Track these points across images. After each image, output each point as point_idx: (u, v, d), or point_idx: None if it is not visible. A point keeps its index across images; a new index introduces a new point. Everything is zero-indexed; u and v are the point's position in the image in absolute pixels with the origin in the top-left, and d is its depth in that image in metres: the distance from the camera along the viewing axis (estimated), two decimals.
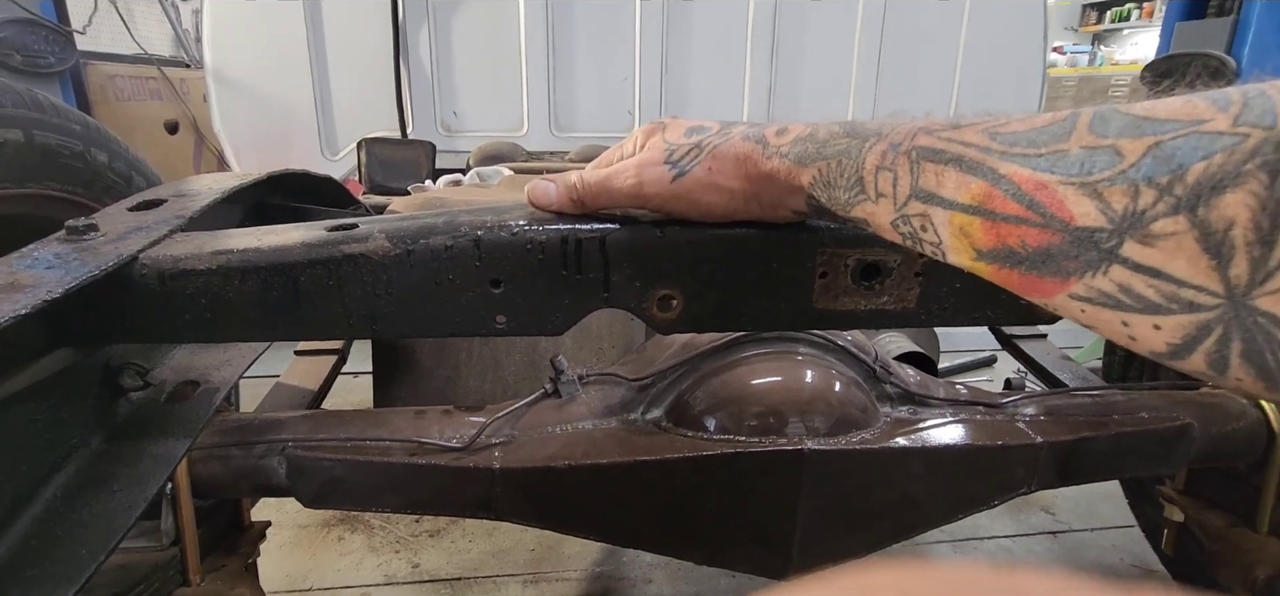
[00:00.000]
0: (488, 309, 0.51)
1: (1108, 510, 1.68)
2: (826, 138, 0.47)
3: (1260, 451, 0.88)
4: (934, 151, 0.40)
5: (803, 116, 0.52)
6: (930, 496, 0.79)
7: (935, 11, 2.53)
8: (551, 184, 0.55)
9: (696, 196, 0.51)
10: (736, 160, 0.50)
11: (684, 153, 0.51)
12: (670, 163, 0.51)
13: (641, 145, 0.55)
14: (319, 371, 1.10)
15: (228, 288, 0.47)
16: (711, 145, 0.51)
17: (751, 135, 0.51)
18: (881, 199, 0.43)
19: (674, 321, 0.53)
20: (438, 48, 2.38)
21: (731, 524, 0.77)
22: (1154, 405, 0.86)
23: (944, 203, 0.39)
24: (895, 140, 0.42)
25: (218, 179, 0.70)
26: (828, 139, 0.47)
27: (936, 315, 0.55)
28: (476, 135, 2.41)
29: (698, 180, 0.51)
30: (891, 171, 0.42)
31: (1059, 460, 0.80)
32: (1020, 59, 2.56)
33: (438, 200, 1.09)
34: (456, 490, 0.74)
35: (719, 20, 2.48)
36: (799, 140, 0.48)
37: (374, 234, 0.48)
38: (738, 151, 0.50)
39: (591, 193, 0.54)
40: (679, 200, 0.52)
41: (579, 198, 0.54)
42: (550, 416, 0.78)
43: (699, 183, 0.51)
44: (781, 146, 0.49)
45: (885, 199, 0.43)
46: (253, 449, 0.71)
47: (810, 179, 0.47)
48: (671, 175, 0.51)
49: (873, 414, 0.78)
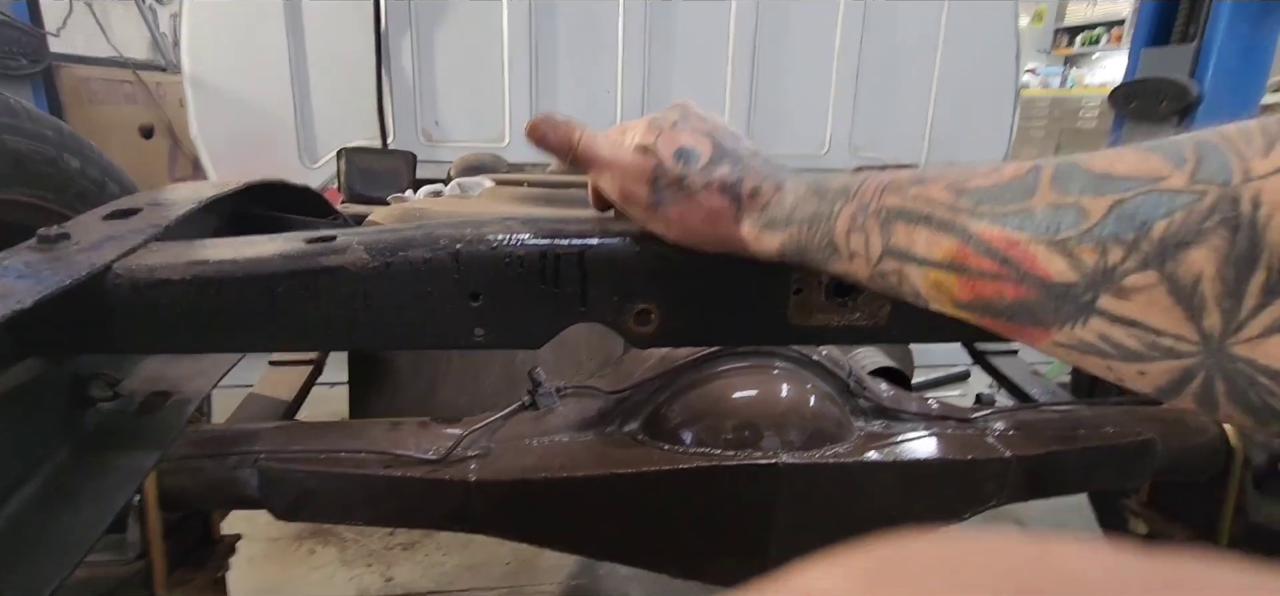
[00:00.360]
0: (466, 322, 0.51)
1: (1077, 523, 1.71)
2: (794, 203, 0.48)
3: (1220, 466, 0.91)
4: (902, 211, 0.41)
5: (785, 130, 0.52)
6: (903, 509, 0.80)
7: (913, 31, 2.58)
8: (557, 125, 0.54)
9: (666, 231, 0.52)
10: (708, 215, 0.50)
11: (668, 180, 0.50)
12: (653, 183, 0.50)
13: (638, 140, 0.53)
14: (293, 382, 1.08)
15: (204, 299, 0.47)
16: (690, 188, 0.50)
17: (728, 187, 0.50)
18: (855, 258, 0.44)
19: (651, 336, 0.54)
20: (420, 57, 2.38)
21: (707, 536, 0.77)
22: (1118, 420, 0.88)
23: (917, 260, 0.40)
24: (863, 200, 0.43)
25: (195, 188, 0.70)
26: (795, 205, 0.47)
27: (908, 332, 0.56)
28: (458, 146, 2.41)
29: (671, 218, 0.50)
30: (862, 233, 0.43)
31: (1027, 474, 0.82)
32: (994, 78, 2.63)
33: (418, 211, 1.09)
34: (432, 502, 0.74)
35: (701, 35, 2.51)
36: (768, 207, 0.49)
37: (352, 246, 0.48)
38: (710, 206, 0.50)
39: (584, 159, 0.54)
40: (652, 223, 0.52)
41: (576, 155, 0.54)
42: (527, 429, 0.78)
43: (671, 220, 0.51)
44: (751, 211, 0.49)
45: (859, 257, 0.44)
46: (225, 460, 0.70)
47: (780, 245, 0.48)
48: (650, 200, 0.51)
49: (847, 428, 0.80)
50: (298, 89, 2.32)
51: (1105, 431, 0.86)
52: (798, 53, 2.56)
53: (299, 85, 2.32)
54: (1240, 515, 0.93)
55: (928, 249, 0.39)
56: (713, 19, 2.49)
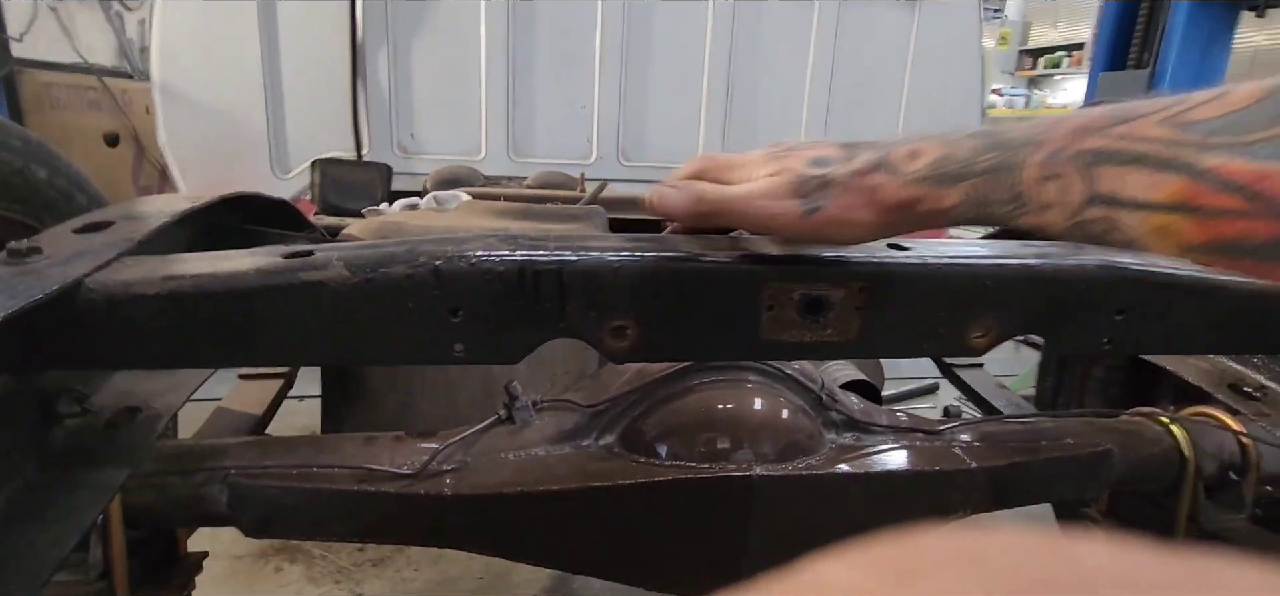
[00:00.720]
0: (446, 337, 0.51)
1: None
2: (969, 155, 0.46)
3: (1174, 476, 0.94)
4: (1108, 153, 0.38)
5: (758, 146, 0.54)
6: (873, 520, 0.81)
7: (882, 50, 2.65)
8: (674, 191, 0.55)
9: (829, 233, 0.52)
10: (867, 193, 0.50)
11: (813, 187, 0.51)
12: (801, 197, 0.51)
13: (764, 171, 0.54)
14: (264, 396, 1.07)
15: (179, 314, 0.46)
16: (840, 179, 0.51)
17: (879, 162, 0.50)
18: (1048, 209, 0.41)
19: (627, 351, 0.54)
20: (396, 69, 2.37)
21: (682, 549, 0.78)
22: (1078, 431, 0.91)
23: (1132, 205, 0.37)
24: (1056, 146, 0.41)
25: (168, 201, 0.69)
26: (971, 157, 0.46)
27: (877, 347, 0.58)
28: (434, 158, 2.40)
29: (829, 217, 0.51)
30: (1058, 181, 0.40)
31: (992, 485, 0.84)
32: (960, 96, 2.70)
33: (394, 224, 1.08)
34: (406, 517, 0.74)
35: (676, 53, 2.54)
36: (936, 162, 0.47)
37: (333, 262, 0.48)
38: (867, 184, 0.50)
39: (719, 211, 0.54)
40: (811, 235, 0.53)
41: (706, 212, 0.54)
42: (503, 442, 0.78)
43: (831, 219, 0.51)
44: (916, 171, 0.48)
45: (1054, 208, 0.41)
46: (192, 476, 0.69)
47: (957, 200, 0.46)
48: (802, 210, 0.51)
49: (819, 440, 0.81)
50: (271, 98, 2.29)
51: (1066, 442, 0.88)
52: (770, 73, 2.61)
53: (272, 94, 2.30)
54: (1193, 523, 0.96)
55: (1146, 190, 0.36)
56: (688, 33, 2.53)
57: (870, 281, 0.54)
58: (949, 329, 0.56)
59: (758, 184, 0.53)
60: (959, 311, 0.56)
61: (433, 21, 2.36)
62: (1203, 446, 0.94)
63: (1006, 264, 0.55)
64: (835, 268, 0.53)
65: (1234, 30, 2.19)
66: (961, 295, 0.55)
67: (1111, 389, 1.38)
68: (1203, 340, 0.61)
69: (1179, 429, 0.94)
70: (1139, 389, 1.34)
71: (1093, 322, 0.57)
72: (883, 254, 0.54)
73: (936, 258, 0.54)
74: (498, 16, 2.37)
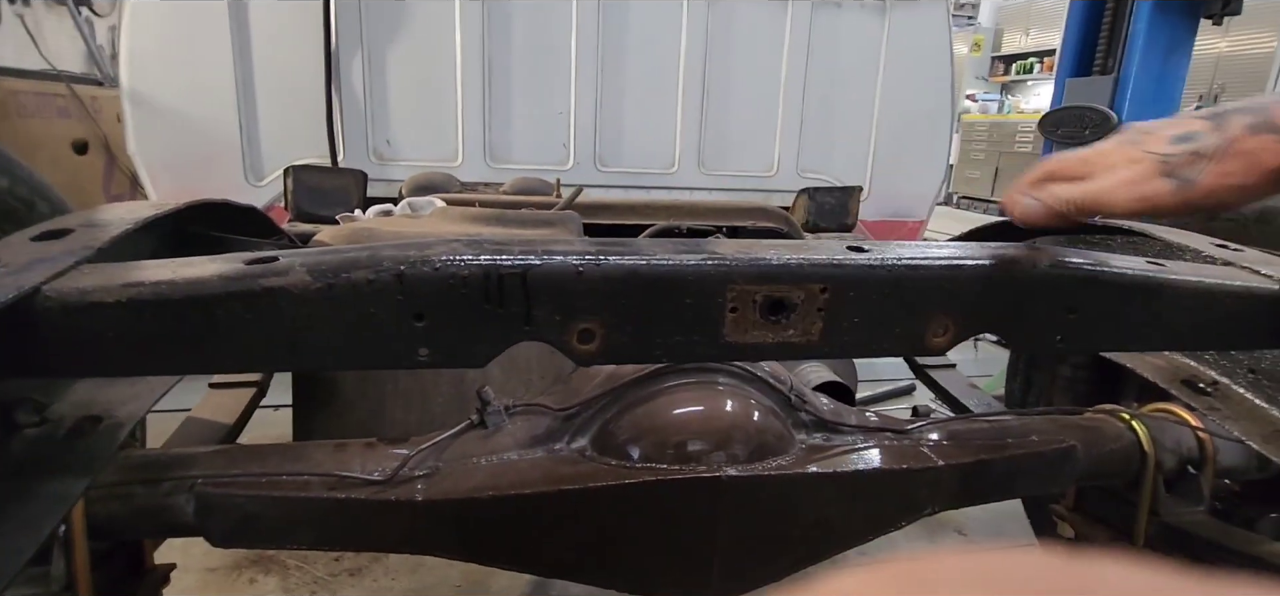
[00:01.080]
0: (410, 342, 0.51)
1: (1013, 529, 1.78)
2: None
3: (1135, 471, 0.96)
4: None
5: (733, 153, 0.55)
6: (842, 519, 0.83)
7: (854, 58, 2.69)
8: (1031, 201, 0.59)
9: (1206, 202, 0.54)
10: (1247, 157, 0.51)
11: (1181, 161, 0.53)
12: (1169, 175, 0.53)
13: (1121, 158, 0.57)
14: (235, 405, 1.06)
15: (139, 322, 0.46)
16: (1213, 147, 0.52)
17: (1257, 124, 0.51)
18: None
19: (593, 354, 0.55)
20: (371, 75, 2.36)
21: (654, 551, 0.79)
22: (1043, 428, 0.93)
23: None
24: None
25: (131, 208, 0.68)
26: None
27: (840, 347, 0.59)
28: (410, 164, 2.39)
29: (1206, 187, 0.53)
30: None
31: (959, 481, 0.86)
32: (932, 103, 2.75)
33: (366, 230, 1.08)
34: (378, 524, 0.73)
35: (652, 59, 2.56)
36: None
37: (294, 267, 0.48)
38: (1247, 148, 0.51)
39: (1085, 210, 0.57)
40: (1187, 207, 0.54)
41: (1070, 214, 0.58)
42: (476, 447, 0.78)
43: (1208, 189, 0.53)
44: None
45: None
46: (158, 486, 0.69)
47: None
48: (1173, 186, 0.53)
49: (789, 441, 0.82)
50: (244, 105, 2.27)
51: (1031, 440, 0.90)
52: (746, 78, 2.64)
53: (245, 102, 2.28)
54: (1154, 516, 0.98)
55: None
56: (663, 39, 2.55)
57: (831, 283, 0.55)
58: (908, 328, 0.57)
59: (1119, 174, 0.56)
60: (917, 311, 0.57)
61: (408, 27, 2.36)
62: (1162, 441, 0.96)
63: (962, 265, 0.56)
64: (796, 270, 0.54)
65: (1193, 37, 2.26)
66: (919, 295, 0.56)
67: (1078, 387, 1.41)
68: (1153, 337, 0.63)
69: (1140, 425, 0.96)
70: (1104, 387, 1.37)
71: (1046, 321, 0.59)
72: (842, 256, 0.56)
73: (895, 259, 0.56)
74: (473, 22, 2.38)
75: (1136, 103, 2.29)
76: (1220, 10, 2.14)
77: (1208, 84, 6.83)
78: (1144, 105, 2.32)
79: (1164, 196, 0.55)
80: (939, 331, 0.58)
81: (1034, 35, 9.34)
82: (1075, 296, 0.57)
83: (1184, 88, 2.37)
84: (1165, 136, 0.56)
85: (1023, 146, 7.65)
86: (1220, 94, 6.60)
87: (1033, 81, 9.30)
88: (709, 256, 0.53)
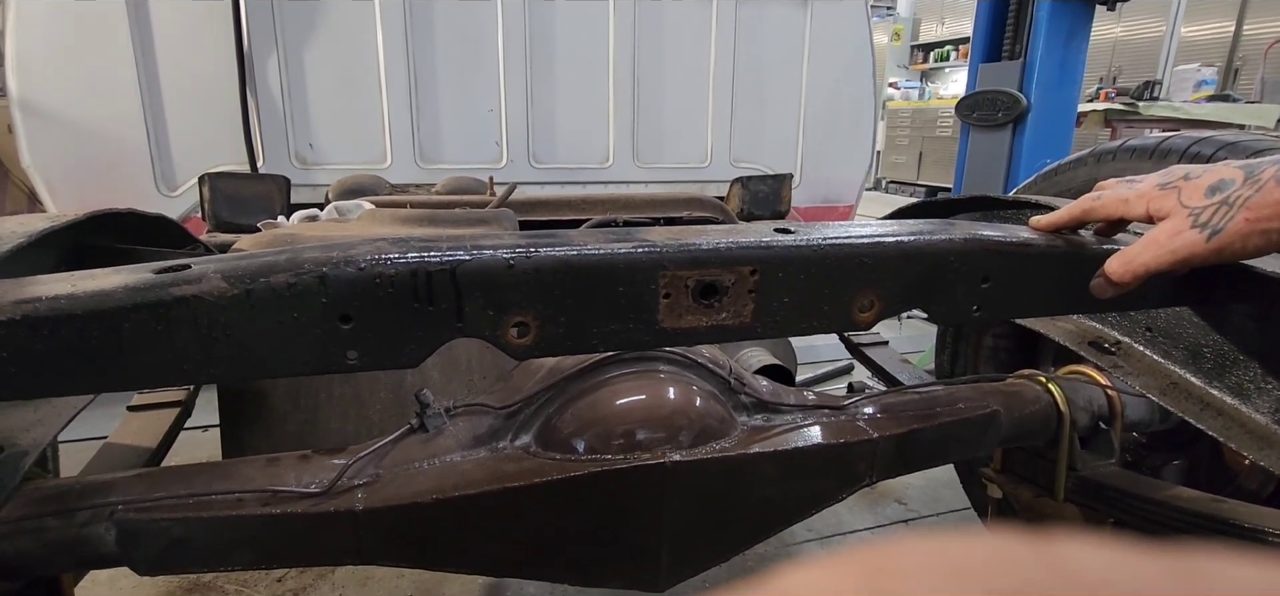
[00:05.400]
0: (337, 345, 0.50)
1: (949, 495, 1.87)
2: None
3: (1053, 430, 1.02)
4: None
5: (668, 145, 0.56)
6: (785, 495, 0.85)
7: (779, 50, 2.75)
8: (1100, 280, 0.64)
9: (1237, 247, 0.56)
10: (1277, 205, 0.54)
11: (1210, 212, 0.56)
12: (1199, 226, 0.56)
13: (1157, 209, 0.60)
14: (157, 427, 1.00)
15: (36, 340, 0.43)
16: (1243, 198, 0.55)
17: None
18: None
19: (529, 347, 0.55)
20: (289, 77, 2.26)
21: (603, 542, 0.79)
22: (968, 396, 0.98)
23: None
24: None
25: (24, 222, 0.64)
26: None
27: (772, 327, 0.61)
28: (336, 168, 2.31)
29: (1236, 233, 0.55)
30: None
31: (894, 451, 0.89)
32: (855, 92, 2.84)
33: (289, 236, 1.04)
34: (318, 538, 0.71)
35: (582, 53, 2.55)
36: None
37: (208, 274, 0.46)
38: (1277, 197, 0.54)
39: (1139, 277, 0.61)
40: (1218, 255, 0.57)
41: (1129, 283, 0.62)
42: (417, 452, 0.77)
43: (1238, 234, 0.55)
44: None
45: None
46: (73, 516, 0.64)
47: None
48: (1204, 237, 0.56)
49: (730, 424, 0.84)
50: (150, 111, 2.14)
51: (958, 407, 0.95)
52: (676, 70, 2.66)
53: (151, 107, 2.15)
54: (1072, 471, 1.05)
55: None
56: (591, 34, 2.54)
57: (759, 265, 0.56)
58: (835, 305, 0.59)
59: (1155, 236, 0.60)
60: (842, 288, 0.59)
61: (326, 25, 2.27)
62: (1076, 401, 1.03)
63: (882, 241, 0.58)
64: (726, 253, 0.55)
65: (1090, 23, 2.42)
66: (842, 273, 0.58)
67: (1000, 355, 1.49)
68: (1059, 302, 0.67)
69: (1055, 387, 1.02)
70: (1024, 353, 1.45)
71: (962, 292, 0.62)
72: (770, 238, 0.57)
73: (820, 239, 0.57)
74: (394, 20, 2.31)
75: (1043, 85, 2.43)
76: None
77: (1107, 67, 7.30)
78: (1050, 87, 2.46)
79: (1193, 246, 0.58)
80: (864, 306, 0.61)
81: (949, 24, 9.77)
82: (988, 266, 0.61)
83: (1084, 70, 2.52)
84: (1202, 186, 0.60)
85: (944, 130, 8.00)
86: (1118, 75, 7.06)
87: (950, 69, 9.73)
88: (639, 244, 0.54)
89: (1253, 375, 0.81)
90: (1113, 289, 0.65)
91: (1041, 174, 1.38)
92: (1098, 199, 0.70)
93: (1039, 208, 0.92)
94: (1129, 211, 0.67)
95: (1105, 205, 0.69)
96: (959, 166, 2.84)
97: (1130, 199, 0.66)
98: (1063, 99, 2.45)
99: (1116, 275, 0.64)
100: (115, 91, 2.09)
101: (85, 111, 2.08)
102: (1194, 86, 5.98)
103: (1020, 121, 2.47)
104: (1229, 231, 0.57)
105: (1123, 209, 0.67)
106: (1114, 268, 0.64)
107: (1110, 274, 0.64)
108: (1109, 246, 0.69)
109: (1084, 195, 0.72)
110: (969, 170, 2.75)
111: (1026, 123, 2.46)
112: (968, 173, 2.76)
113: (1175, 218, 0.60)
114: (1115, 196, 0.68)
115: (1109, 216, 0.69)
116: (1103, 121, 5.72)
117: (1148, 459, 1.27)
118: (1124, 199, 0.67)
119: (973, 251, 0.60)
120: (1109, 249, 0.69)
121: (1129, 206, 0.66)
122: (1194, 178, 0.61)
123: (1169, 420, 1.08)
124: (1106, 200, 0.68)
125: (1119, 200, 0.67)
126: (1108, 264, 0.65)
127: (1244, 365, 0.82)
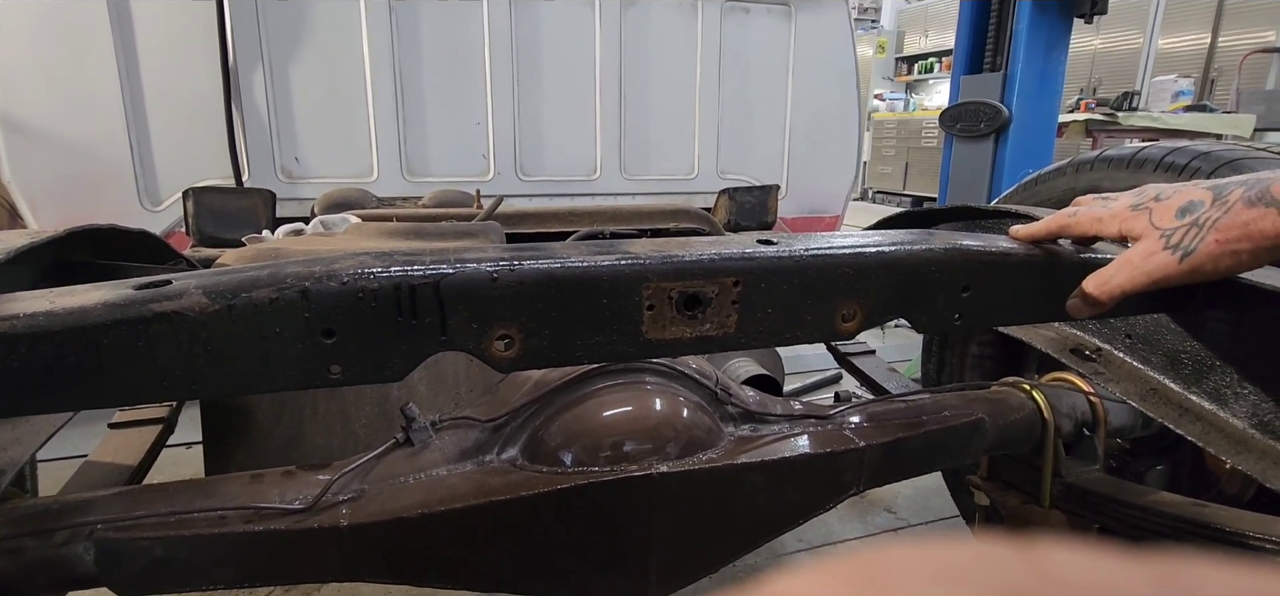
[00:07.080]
0: (321, 360, 0.50)
1: (938, 503, 1.87)
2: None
3: (1038, 437, 1.03)
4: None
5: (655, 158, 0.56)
6: (773, 505, 0.85)
7: (764, 61, 2.77)
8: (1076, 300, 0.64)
9: (1208, 269, 0.57)
10: (1244, 226, 0.55)
11: (1181, 234, 0.57)
12: (1171, 247, 0.58)
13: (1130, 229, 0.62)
14: (139, 445, 0.99)
15: (13, 357, 0.43)
16: (1212, 219, 0.56)
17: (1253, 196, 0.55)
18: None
19: (514, 360, 0.55)
20: (275, 90, 2.25)
21: (591, 555, 0.79)
22: (954, 404, 0.98)
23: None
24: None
25: (3, 238, 0.63)
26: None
27: (756, 337, 0.61)
28: (322, 182, 2.30)
29: (1207, 254, 0.56)
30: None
31: (881, 459, 0.90)
32: (840, 103, 2.87)
33: (273, 251, 1.03)
34: (303, 554, 0.70)
35: (568, 67, 2.56)
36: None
37: (190, 289, 0.46)
38: (1244, 218, 0.55)
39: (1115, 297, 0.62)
40: (1191, 275, 0.57)
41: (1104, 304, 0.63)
42: (402, 466, 0.76)
43: (1209, 256, 0.56)
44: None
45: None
46: (50, 537, 0.63)
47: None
48: (1176, 258, 0.57)
49: (717, 434, 0.84)
50: (134, 126, 2.13)
51: (944, 415, 0.95)
52: (662, 83, 2.68)
53: (135, 122, 2.13)
54: (1057, 478, 1.06)
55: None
56: (578, 46, 2.55)
57: (742, 276, 0.56)
58: (818, 315, 0.60)
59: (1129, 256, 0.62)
60: (824, 298, 0.60)
61: (312, 39, 2.27)
62: (1059, 408, 1.04)
63: (863, 252, 0.59)
64: (709, 264, 0.56)
65: (1068, 35, 2.46)
66: (824, 283, 0.59)
67: (985, 363, 1.50)
68: (1039, 310, 0.68)
69: (1039, 394, 1.03)
70: (1008, 361, 1.47)
71: (943, 301, 0.63)
72: (752, 249, 0.57)
73: (802, 250, 0.58)
74: (381, 33, 2.31)
75: (1023, 96, 2.46)
76: (1089, 9, 2.33)
77: (1087, 78, 7.41)
78: (1030, 98, 2.50)
79: (1165, 267, 0.60)
80: (847, 316, 0.61)
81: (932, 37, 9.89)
82: (968, 275, 0.61)
83: (1064, 81, 2.56)
84: (1172, 207, 0.61)
85: (929, 141, 8.09)
86: (1098, 86, 7.17)
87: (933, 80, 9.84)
88: (623, 256, 0.54)
89: (1229, 380, 0.82)
90: (1089, 309, 0.66)
91: (1022, 183, 1.40)
92: (1073, 216, 0.71)
93: (1019, 217, 0.93)
94: (1103, 230, 0.68)
95: (1080, 223, 0.70)
96: (943, 176, 2.88)
97: (1104, 218, 0.68)
98: (1043, 109, 2.49)
99: (1092, 296, 0.65)
100: (98, 106, 2.08)
101: (68, 126, 2.06)
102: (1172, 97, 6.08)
103: (1002, 132, 2.51)
104: (1200, 253, 0.58)
105: (1097, 228, 0.69)
106: (1090, 288, 0.65)
107: (1086, 295, 0.66)
108: (1087, 256, 0.70)
109: (1061, 211, 0.74)
110: (953, 180, 2.78)
111: (1008, 133, 2.49)
112: (952, 182, 2.79)
113: (1148, 239, 0.61)
114: (1090, 215, 0.69)
115: (1083, 234, 0.71)
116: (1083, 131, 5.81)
117: (1131, 464, 1.28)
118: (1098, 217, 0.68)
119: (953, 261, 0.61)
120: (1086, 258, 0.70)
121: (1103, 225, 0.68)
122: (1165, 199, 0.63)
123: (1151, 426, 1.09)
124: (1081, 218, 0.70)
125: (1093, 218, 0.68)
126: (1084, 284, 0.66)
127: (1221, 370, 0.83)
